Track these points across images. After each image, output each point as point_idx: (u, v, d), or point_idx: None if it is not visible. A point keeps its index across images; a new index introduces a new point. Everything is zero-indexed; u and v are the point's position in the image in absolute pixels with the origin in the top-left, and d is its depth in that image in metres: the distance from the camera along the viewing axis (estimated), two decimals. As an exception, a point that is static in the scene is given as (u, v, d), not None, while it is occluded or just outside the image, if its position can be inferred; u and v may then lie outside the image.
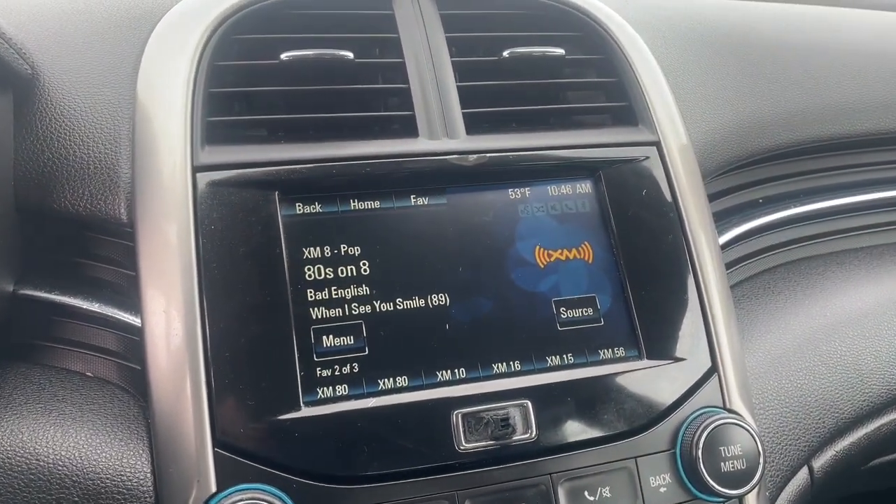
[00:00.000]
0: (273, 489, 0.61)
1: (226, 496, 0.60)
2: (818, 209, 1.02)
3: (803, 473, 0.84)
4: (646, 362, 0.73)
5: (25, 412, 0.65)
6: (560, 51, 0.82)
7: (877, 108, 1.03)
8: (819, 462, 0.85)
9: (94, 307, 0.71)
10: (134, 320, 0.70)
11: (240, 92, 0.75)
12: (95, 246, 0.73)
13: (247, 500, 0.59)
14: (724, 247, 0.94)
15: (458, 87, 0.78)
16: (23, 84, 0.71)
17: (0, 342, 0.71)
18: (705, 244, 0.79)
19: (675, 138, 0.82)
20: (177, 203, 0.67)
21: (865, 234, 1.06)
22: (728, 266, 0.94)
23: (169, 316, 0.64)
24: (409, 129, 0.75)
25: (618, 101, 0.84)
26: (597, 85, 0.86)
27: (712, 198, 0.93)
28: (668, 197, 0.79)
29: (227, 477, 0.61)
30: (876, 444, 0.89)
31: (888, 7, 1.33)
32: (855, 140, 1.02)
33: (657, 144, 0.81)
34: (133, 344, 0.70)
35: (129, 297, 0.71)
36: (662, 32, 0.97)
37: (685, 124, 0.85)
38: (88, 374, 0.72)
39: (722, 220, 0.96)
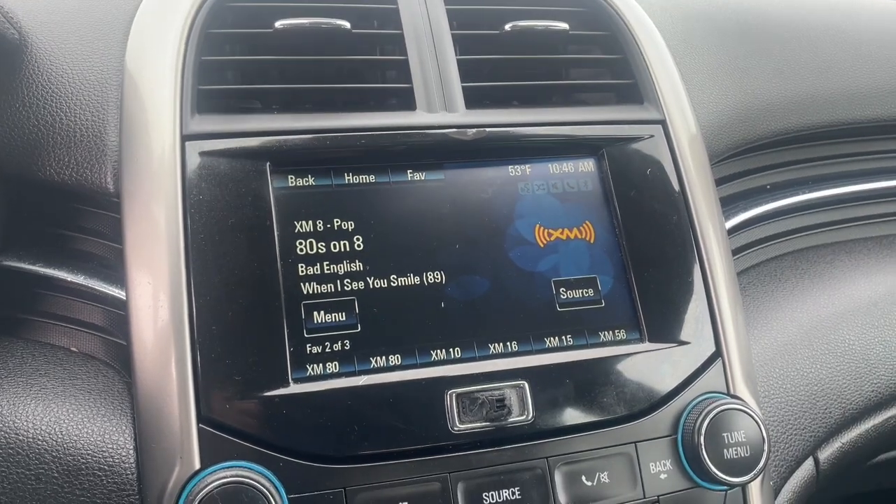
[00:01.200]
0: (259, 467, 0.59)
1: (209, 474, 0.58)
2: (827, 196, 1.00)
3: (809, 465, 0.81)
4: (647, 345, 0.71)
5: (6, 385, 0.64)
6: (564, 25, 0.80)
7: (888, 95, 1.00)
8: (825, 454, 0.83)
9: (80, 280, 0.69)
10: (120, 294, 0.68)
11: (232, 60, 0.73)
12: (81, 218, 0.71)
13: (231, 477, 0.57)
14: (730, 232, 0.91)
15: (458, 61, 0.76)
16: (9, 49, 0.69)
17: (-18, 315, 0.69)
18: (711, 225, 0.76)
19: (681, 118, 0.80)
20: (165, 172, 0.65)
21: (874, 224, 1.03)
22: (734, 253, 0.91)
23: (154, 288, 0.62)
24: (406, 101, 0.73)
25: (623, 78, 0.82)
26: (601, 62, 0.84)
27: (718, 182, 0.90)
28: (674, 177, 0.77)
29: (212, 454, 0.59)
30: (884, 437, 0.87)
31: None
32: (865, 126, 0.99)
33: (663, 123, 0.79)
34: (119, 319, 0.68)
35: (116, 270, 0.69)
36: (670, 11, 0.94)
37: (692, 105, 0.83)
38: (73, 348, 0.70)
39: (728, 205, 0.93)
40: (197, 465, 0.59)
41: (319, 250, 0.67)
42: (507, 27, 0.78)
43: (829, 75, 0.99)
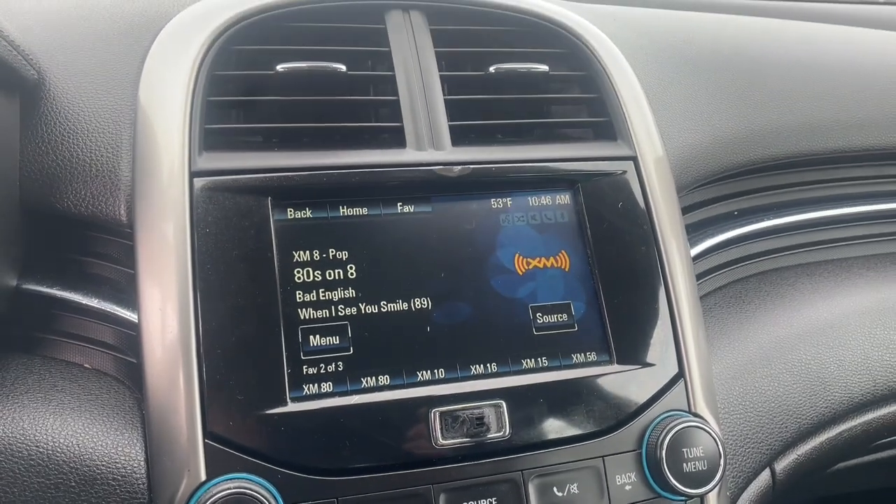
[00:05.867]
0: (259, 479, 0.65)
1: (214, 485, 0.64)
2: (790, 222, 1.06)
3: (765, 475, 0.87)
4: (616, 367, 0.77)
5: (26, 401, 0.69)
6: (544, 67, 0.86)
7: (849, 127, 1.06)
8: (781, 465, 0.89)
9: (94, 303, 0.75)
10: (131, 316, 0.73)
11: (237, 101, 0.79)
12: (96, 244, 0.76)
13: (234, 489, 0.63)
14: (699, 257, 0.97)
15: (446, 100, 0.81)
16: (29, 88, 0.75)
17: (3, 334, 0.74)
18: (677, 256, 0.82)
19: (651, 153, 0.86)
20: (174, 206, 0.70)
21: (835, 248, 1.10)
22: (702, 276, 0.98)
23: (164, 313, 0.68)
24: (397, 139, 0.79)
25: (598, 116, 0.87)
26: (579, 100, 0.89)
27: (688, 210, 0.97)
28: (643, 209, 0.83)
29: (217, 467, 0.65)
30: (837, 450, 0.93)
31: (866, 22, 1.37)
32: (826, 157, 1.06)
33: (634, 160, 0.85)
34: (129, 338, 0.74)
35: (127, 293, 0.74)
36: (644, 49, 1.00)
37: (663, 139, 0.89)
38: (86, 365, 0.75)
39: (697, 231, 0.99)
40: (203, 477, 0.64)
41: (316, 278, 0.72)
42: (492, 69, 0.84)
43: (792, 108, 1.05)
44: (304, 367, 0.69)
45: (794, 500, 1.24)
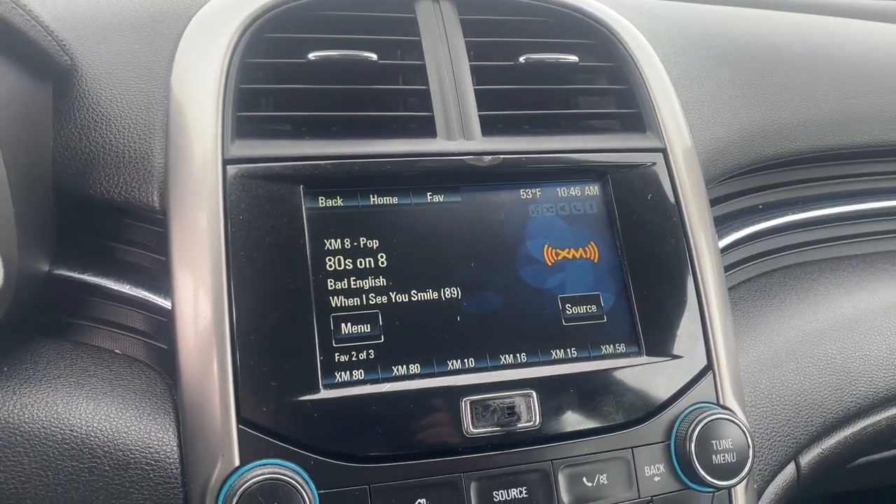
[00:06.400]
0: (292, 465, 0.65)
1: (248, 470, 0.64)
2: (815, 217, 1.06)
3: (790, 468, 0.88)
4: (645, 358, 0.77)
5: (59, 385, 0.69)
6: (574, 58, 0.86)
7: (877, 121, 1.06)
8: (806, 458, 0.89)
9: (125, 289, 0.75)
10: (162, 302, 0.74)
11: (269, 88, 0.79)
12: (128, 231, 0.77)
13: (268, 474, 0.63)
14: (725, 250, 0.97)
15: (476, 91, 0.81)
16: (62, 75, 0.75)
17: (35, 319, 0.75)
18: (706, 248, 0.82)
19: (680, 146, 0.86)
20: (208, 193, 0.70)
21: (859, 242, 1.09)
22: (727, 269, 0.98)
23: (198, 299, 0.68)
24: (427, 129, 0.79)
25: (627, 107, 0.87)
26: (608, 91, 0.89)
27: (714, 202, 0.97)
28: (672, 201, 0.83)
29: (250, 453, 0.65)
30: (861, 444, 0.93)
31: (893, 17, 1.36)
32: (854, 151, 1.05)
33: (664, 151, 0.85)
34: (160, 324, 0.74)
35: (159, 279, 0.75)
36: (673, 41, 1.00)
37: (691, 132, 0.89)
38: (117, 351, 0.76)
39: (723, 224, 0.99)
40: (237, 462, 0.65)
41: (347, 266, 0.73)
42: (522, 59, 0.84)
43: (820, 102, 1.04)
44: (336, 354, 0.70)
45: (815, 494, 1.24)
